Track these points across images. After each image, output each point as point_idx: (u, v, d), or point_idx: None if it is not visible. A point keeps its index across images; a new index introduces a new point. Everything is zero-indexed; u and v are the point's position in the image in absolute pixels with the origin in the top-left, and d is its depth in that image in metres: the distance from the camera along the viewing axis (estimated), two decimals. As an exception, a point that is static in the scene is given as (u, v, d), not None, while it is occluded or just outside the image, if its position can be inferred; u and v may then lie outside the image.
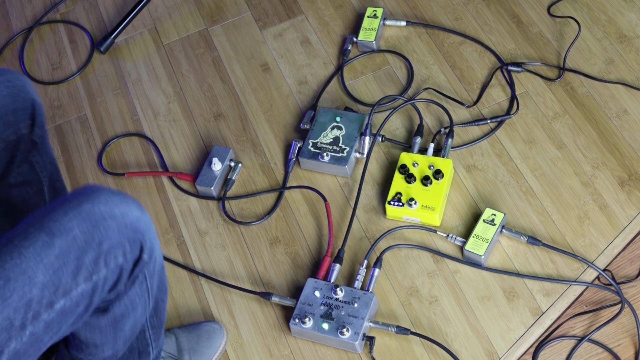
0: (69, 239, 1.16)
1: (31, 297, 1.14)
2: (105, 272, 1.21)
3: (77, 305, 1.20)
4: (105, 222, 1.18)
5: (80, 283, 1.18)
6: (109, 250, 1.20)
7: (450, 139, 1.87)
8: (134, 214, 1.22)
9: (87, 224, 1.17)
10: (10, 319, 1.13)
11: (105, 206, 1.19)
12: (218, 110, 2.08)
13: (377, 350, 1.66)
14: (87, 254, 1.17)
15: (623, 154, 1.84)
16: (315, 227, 1.85)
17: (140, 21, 2.29)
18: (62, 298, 1.17)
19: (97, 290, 1.21)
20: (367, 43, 2.09)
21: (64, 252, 1.15)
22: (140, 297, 1.32)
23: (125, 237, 1.21)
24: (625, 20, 2.04)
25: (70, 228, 1.16)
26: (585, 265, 1.70)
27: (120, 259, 1.22)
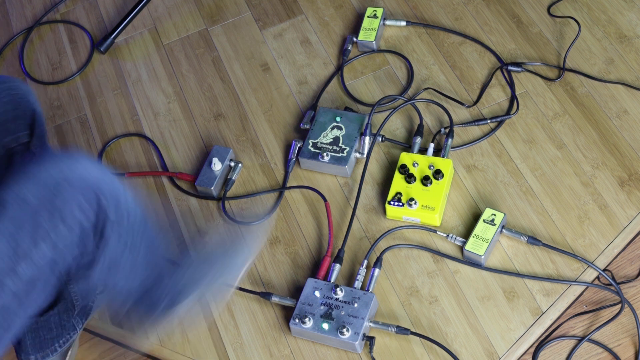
0: (22, 205, 1.18)
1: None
2: (64, 229, 1.21)
3: (42, 270, 1.20)
4: (54, 180, 1.20)
5: (39, 244, 1.19)
6: (62, 206, 1.20)
7: (450, 139, 1.87)
8: (83, 168, 1.24)
9: (37, 186, 1.19)
10: None
11: (51, 165, 1.21)
12: (218, 110, 2.08)
13: (377, 350, 1.66)
14: (41, 214, 1.18)
15: (623, 154, 1.84)
16: (315, 227, 1.85)
17: (140, 21, 2.29)
18: (24, 263, 1.18)
19: (60, 251, 1.21)
20: (367, 43, 2.09)
21: (18, 216, 1.17)
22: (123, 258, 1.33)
23: (77, 191, 1.22)
24: (625, 20, 2.04)
25: (22, 194, 1.18)
26: (585, 265, 1.70)
27: (77, 214, 1.22)
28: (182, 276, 1.50)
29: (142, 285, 1.46)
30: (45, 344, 1.62)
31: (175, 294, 1.50)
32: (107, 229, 1.28)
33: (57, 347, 1.63)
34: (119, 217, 1.29)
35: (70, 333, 1.64)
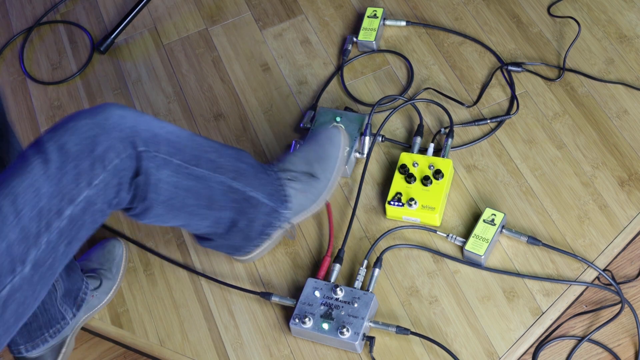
0: (64, 153, 1.28)
1: (41, 207, 1.25)
2: (104, 175, 1.32)
3: (84, 212, 1.32)
4: (92, 131, 1.31)
5: (83, 189, 1.30)
6: (103, 154, 1.31)
7: (450, 139, 1.87)
8: (115, 115, 1.34)
9: (77, 136, 1.29)
10: (27, 230, 1.24)
11: (89, 118, 1.32)
12: (218, 110, 2.08)
13: (377, 350, 1.66)
14: (83, 162, 1.29)
15: (623, 154, 1.84)
16: (315, 227, 1.85)
17: (140, 21, 2.29)
18: (69, 205, 1.29)
19: (100, 196, 1.33)
20: (367, 43, 2.09)
21: (62, 164, 1.27)
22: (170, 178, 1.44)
23: (113, 138, 1.33)
24: (625, 20, 2.04)
25: (62, 143, 1.28)
26: (585, 265, 1.70)
27: (115, 161, 1.33)
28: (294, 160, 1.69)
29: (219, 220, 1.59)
30: (34, 332, 1.63)
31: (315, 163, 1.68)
32: (147, 170, 1.39)
33: (48, 337, 1.64)
34: (156, 160, 1.40)
35: (60, 322, 1.64)
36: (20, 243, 1.24)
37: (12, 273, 1.24)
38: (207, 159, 1.51)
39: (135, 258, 1.86)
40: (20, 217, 1.24)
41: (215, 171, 1.53)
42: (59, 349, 1.68)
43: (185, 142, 1.47)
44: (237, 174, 1.57)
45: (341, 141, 1.76)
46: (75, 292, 1.67)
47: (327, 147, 1.74)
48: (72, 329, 1.69)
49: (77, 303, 1.67)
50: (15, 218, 1.23)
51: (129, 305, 1.81)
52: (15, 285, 1.25)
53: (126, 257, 1.83)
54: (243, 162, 1.60)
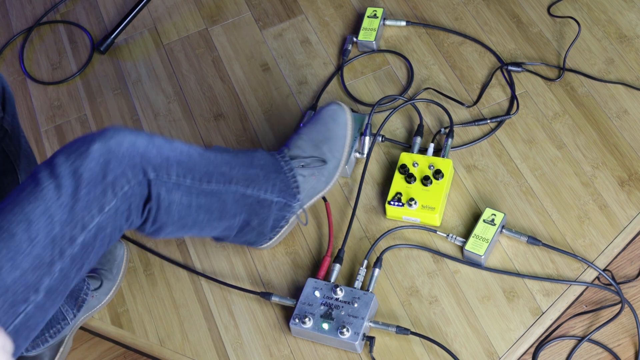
0: (77, 178, 1.27)
1: (55, 235, 1.25)
2: (116, 201, 1.32)
3: (95, 238, 1.31)
4: (104, 157, 1.30)
5: (95, 216, 1.30)
6: (114, 181, 1.31)
7: (450, 139, 1.87)
8: (127, 142, 1.34)
9: (89, 162, 1.29)
10: (40, 258, 1.24)
11: (102, 144, 1.31)
12: (218, 110, 2.08)
13: (377, 350, 1.66)
14: (95, 189, 1.29)
15: (623, 154, 1.84)
16: (315, 227, 1.85)
17: (140, 21, 2.29)
18: (82, 233, 1.29)
19: (110, 222, 1.33)
20: (367, 43, 2.09)
21: (75, 190, 1.27)
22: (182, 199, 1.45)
23: (125, 165, 1.33)
24: (625, 20, 2.04)
25: (75, 168, 1.28)
26: (585, 265, 1.70)
27: (126, 187, 1.33)
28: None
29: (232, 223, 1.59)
30: None
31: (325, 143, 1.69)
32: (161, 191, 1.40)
33: (48, 337, 1.64)
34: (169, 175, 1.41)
35: (60, 322, 1.65)
36: (34, 271, 1.23)
37: (25, 302, 1.24)
38: (219, 172, 1.52)
39: (135, 258, 1.86)
40: (34, 245, 1.23)
41: (228, 184, 1.54)
42: (57, 347, 1.68)
43: (196, 160, 1.48)
44: (249, 181, 1.58)
45: (346, 118, 1.76)
46: (77, 292, 1.67)
47: (332, 127, 1.75)
48: (71, 328, 1.69)
49: (78, 304, 1.67)
50: (29, 246, 1.22)
51: (129, 305, 1.81)
52: (29, 313, 1.25)
53: (127, 258, 1.83)
54: (254, 166, 1.61)
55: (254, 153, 1.64)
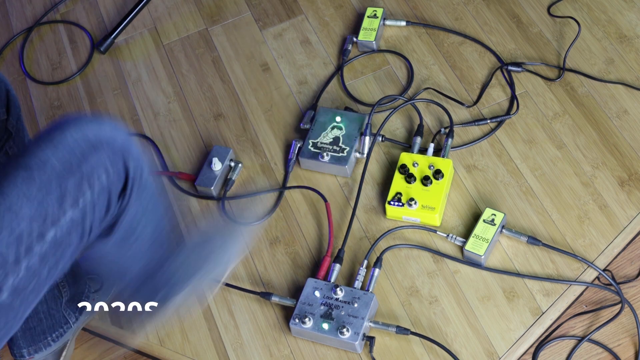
0: (47, 169, 1.17)
1: (20, 231, 1.15)
2: (91, 194, 1.21)
3: (69, 233, 1.21)
4: (79, 146, 1.19)
5: (67, 210, 1.19)
6: (90, 172, 1.20)
7: (450, 139, 1.87)
8: (107, 133, 1.23)
9: (61, 151, 1.18)
10: (4, 255, 1.14)
11: (77, 131, 1.20)
12: (218, 110, 2.08)
13: (377, 350, 1.66)
14: (68, 180, 1.18)
15: (623, 154, 1.84)
16: (315, 227, 1.85)
17: (140, 21, 2.29)
18: (52, 227, 1.18)
19: (87, 216, 1.22)
20: (367, 43, 2.09)
21: (45, 183, 1.17)
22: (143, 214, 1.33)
23: (103, 156, 1.21)
24: (625, 20, 2.04)
25: (45, 159, 1.17)
26: (585, 265, 1.70)
27: (103, 179, 1.22)
28: (178, 266, 1.50)
29: (145, 268, 1.46)
30: (37, 336, 1.62)
31: (171, 285, 1.50)
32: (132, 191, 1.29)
33: (50, 341, 1.63)
34: (141, 181, 1.30)
35: (63, 326, 1.64)
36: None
37: None
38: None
39: (135, 258, 1.86)
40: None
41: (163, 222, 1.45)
42: (60, 352, 1.67)
43: None
44: None
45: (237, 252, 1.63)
46: (78, 296, 1.66)
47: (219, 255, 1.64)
48: (73, 332, 1.69)
49: (80, 307, 1.66)
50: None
51: (129, 305, 1.81)
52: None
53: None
54: None
55: None
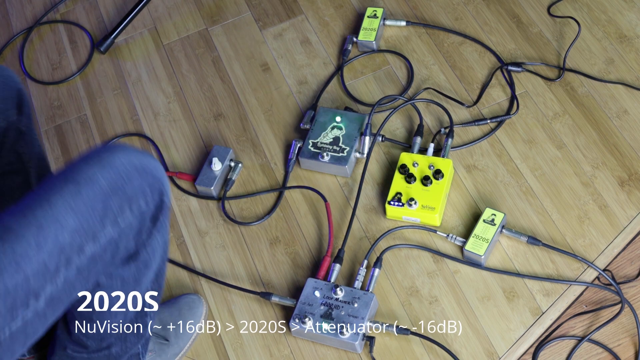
0: (95, 187, 1.23)
1: (64, 242, 1.20)
2: (130, 216, 1.28)
3: (105, 251, 1.26)
4: (126, 169, 1.26)
5: (107, 227, 1.25)
6: (132, 195, 1.27)
7: (450, 139, 1.87)
8: (151, 163, 1.30)
9: (110, 171, 1.24)
10: (46, 264, 1.19)
11: (124, 156, 1.27)
12: (218, 110, 2.08)
13: (377, 350, 1.66)
14: (112, 200, 1.24)
15: (623, 154, 1.84)
16: (315, 227, 1.85)
17: (140, 21, 2.29)
18: (92, 242, 1.24)
19: (123, 236, 1.28)
20: (367, 43, 2.09)
21: (91, 199, 1.22)
22: (159, 247, 1.39)
23: (146, 183, 1.28)
24: (625, 20, 2.04)
25: (94, 176, 1.23)
26: (585, 265, 1.70)
27: (142, 204, 1.29)
28: None
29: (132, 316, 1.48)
30: None
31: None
32: (160, 221, 1.35)
33: None
34: (168, 213, 1.37)
35: None
36: (38, 277, 1.19)
37: (25, 307, 1.20)
38: None
39: (135, 258, 1.86)
40: (41, 250, 1.18)
41: None
42: None
43: None
44: None
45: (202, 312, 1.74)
46: None
47: (186, 314, 1.72)
48: None
49: None
50: (36, 250, 1.18)
51: (129, 305, 1.81)
52: (27, 319, 1.21)
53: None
54: None
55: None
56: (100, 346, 1.47)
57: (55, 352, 1.52)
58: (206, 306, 1.75)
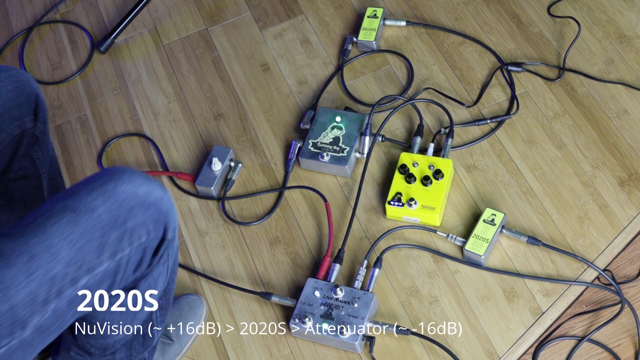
0: (94, 217, 1.17)
1: (55, 273, 1.15)
2: (129, 250, 1.22)
3: (100, 283, 1.21)
4: (129, 201, 1.20)
5: (104, 261, 1.20)
6: (133, 229, 1.21)
7: (450, 139, 1.87)
8: (157, 194, 1.24)
9: (111, 202, 1.19)
10: (34, 294, 1.14)
11: (129, 185, 1.21)
12: (218, 110, 2.08)
13: (377, 350, 1.66)
14: (111, 232, 1.19)
15: (623, 154, 1.84)
16: (315, 227, 1.85)
17: (140, 21, 2.29)
18: (86, 275, 1.19)
19: (120, 270, 1.23)
20: (367, 43, 2.09)
21: (89, 230, 1.17)
22: (161, 276, 1.34)
23: (149, 216, 1.23)
24: (625, 20, 2.04)
25: (94, 206, 1.18)
26: (585, 265, 1.70)
27: (144, 238, 1.24)
28: None
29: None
30: None
31: None
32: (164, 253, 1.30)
33: None
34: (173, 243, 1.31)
35: None
36: (25, 307, 1.15)
37: (10, 336, 1.15)
38: None
39: (135, 258, 1.86)
40: (31, 280, 1.14)
41: None
42: None
43: None
44: None
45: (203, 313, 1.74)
46: None
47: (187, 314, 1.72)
48: None
49: None
50: (25, 280, 1.14)
51: (129, 305, 1.80)
52: (12, 347, 1.17)
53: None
54: None
55: None
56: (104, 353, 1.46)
57: (59, 352, 1.51)
58: (207, 306, 1.75)
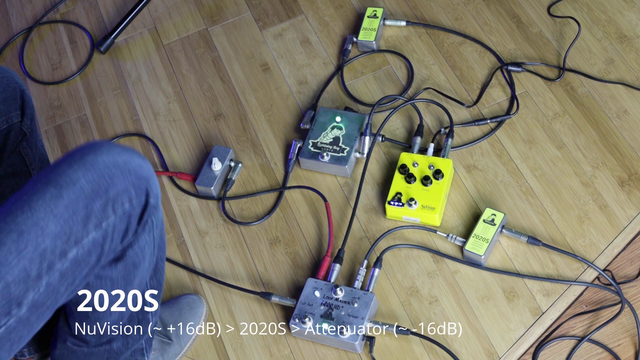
0: (76, 189, 1.20)
1: (45, 248, 1.17)
2: (114, 218, 1.25)
3: (89, 254, 1.24)
4: (109, 170, 1.23)
5: (90, 231, 1.22)
6: (115, 196, 1.24)
7: (450, 139, 1.87)
8: (136, 162, 1.26)
9: (92, 173, 1.21)
10: (27, 270, 1.16)
11: (108, 155, 1.23)
12: (218, 110, 2.08)
13: (377, 350, 1.66)
14: (95, 202, 1.21)
15: (623, 154, 1.84)
16: (315, 227, 1.85)
17: (140, 21, 2.29)
18: (74, 247, 1.21)
19: (107, 238, 1.25)
20: (367, 43, 2.09)
21: (73, 202, 1.19)
22: (148, 246, 1.36)
23: (129, 183, 1.25)
24: (625, 20, 2.04)
25: (76, 179, 1.20)
26: (585, 265, 1.70)
27: (127, 205, 1.26)
28: None
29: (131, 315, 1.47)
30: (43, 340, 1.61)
31: None
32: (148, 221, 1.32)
33: None
34: (156, 212, 1.33)
35: None
36: (19, 284, 1.17)
37: (7, 315, 1.17)
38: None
39: (135, 258, 1.86)
40: (22, 256, 1.16)
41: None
42: None
43: None
44: None
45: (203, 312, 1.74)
46: None
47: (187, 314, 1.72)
48: None
49: None
50: (16, 257, 1.16)
51: (129, 305, 1.81)
52: (10, 326, 1.19)
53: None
54: None
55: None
56: (100, 341, 1.47)
57: (56, 345, 1.52)
58: (206, 306, 1.75)
